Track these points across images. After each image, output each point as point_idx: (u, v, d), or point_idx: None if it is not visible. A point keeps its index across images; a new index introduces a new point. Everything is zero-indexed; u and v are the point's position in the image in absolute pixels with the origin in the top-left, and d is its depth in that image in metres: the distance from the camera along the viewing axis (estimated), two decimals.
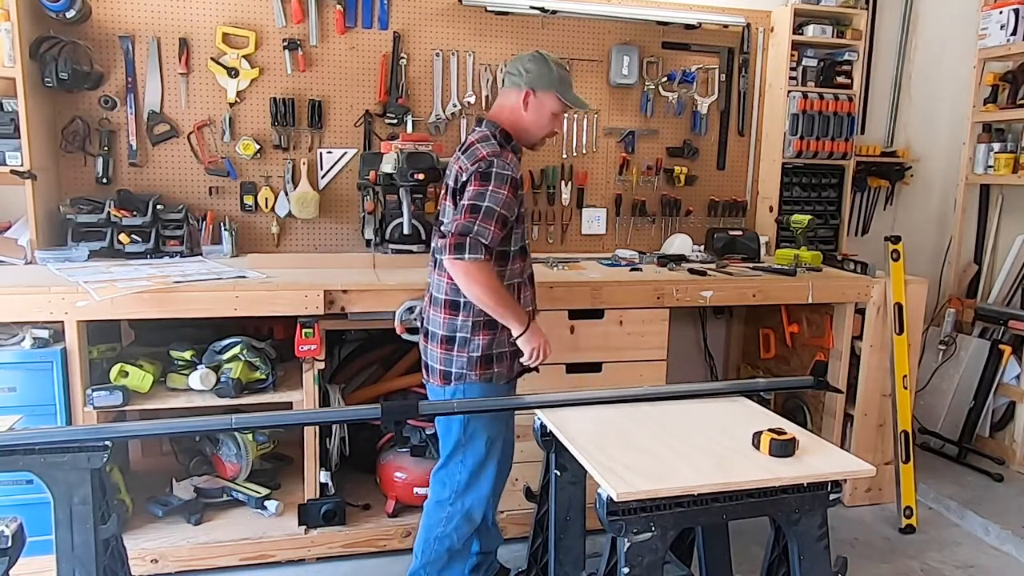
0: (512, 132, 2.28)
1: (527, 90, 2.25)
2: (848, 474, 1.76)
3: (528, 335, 2.24)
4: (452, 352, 2.26)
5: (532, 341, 2.25)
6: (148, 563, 2.64)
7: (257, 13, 3.24)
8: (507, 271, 2.28)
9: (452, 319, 2.26)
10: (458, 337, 2.26)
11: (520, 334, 2.23)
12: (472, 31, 3.48)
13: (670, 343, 3.01)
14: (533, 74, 2.25)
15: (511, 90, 2.28)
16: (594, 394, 2.15)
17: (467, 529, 2.38)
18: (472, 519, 2.37)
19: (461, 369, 2.26)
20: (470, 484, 2.34)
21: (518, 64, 2.27)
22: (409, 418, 2.81)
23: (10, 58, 2.77)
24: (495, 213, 2.12)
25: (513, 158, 2.23)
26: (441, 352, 2.28)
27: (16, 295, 2.43)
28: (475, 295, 2.15)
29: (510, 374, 2.34)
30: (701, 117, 3.82)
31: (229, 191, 3.31)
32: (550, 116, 2.29)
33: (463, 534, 2.38)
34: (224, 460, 2.93)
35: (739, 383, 2.25)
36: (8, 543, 1.51)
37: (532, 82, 2.25)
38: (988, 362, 3.75)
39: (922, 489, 3.43)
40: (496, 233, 2.13)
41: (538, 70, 2.25)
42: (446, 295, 2.26)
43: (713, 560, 2.13)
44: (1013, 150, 3.84)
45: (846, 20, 3.79)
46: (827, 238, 3.96)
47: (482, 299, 2.16)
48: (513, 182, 2.17)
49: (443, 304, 2.27)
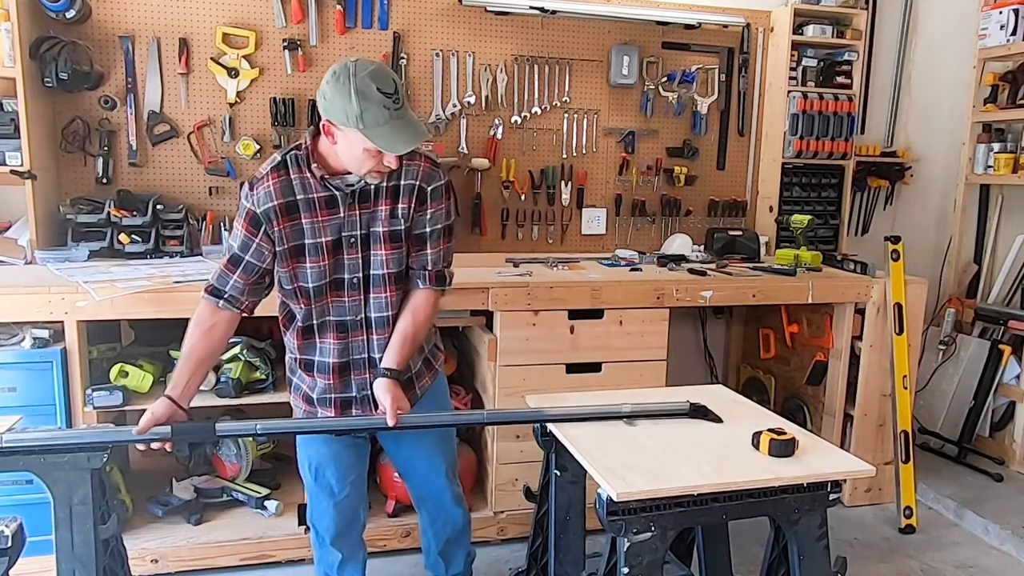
0: (324, 157, 1.89)
1: (325, 121, 1.81)
2: (848, 474, 1.76)
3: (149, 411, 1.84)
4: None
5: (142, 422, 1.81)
6: (148, 563, 2.64)
7: (257, 13, 3.24)
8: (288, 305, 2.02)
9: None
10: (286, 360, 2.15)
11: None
12: (472, 31, 3.48)
13: (670, 343, 3.01)
14: (331, 102, 1.76)
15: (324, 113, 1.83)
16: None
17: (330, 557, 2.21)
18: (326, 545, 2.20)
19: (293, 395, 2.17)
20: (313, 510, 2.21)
21: (323, 85, 1.78)
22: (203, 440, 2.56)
23: (10, 58, 2.77)
24: (228, 249, 1.94)
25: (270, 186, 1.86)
26: None
27: (16, 295, 2.44)
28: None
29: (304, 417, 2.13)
30: (701, 117, 3.81)
31: (229, 191, 3.31)
32: (363, 152, 1.79)
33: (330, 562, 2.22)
34: (224, 460, 2.93)
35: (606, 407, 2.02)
36: (8, 543, 1.51)
37: (329, 112, 1.78)
38: (988, 362, 3.75)
39: (922, 489, 3.43)
40: (222, 271, 1.91)
41: (337, 98, 1.73)
42: None
43: (713, 560, 2.13)
44: (1013, 150, 3.84)
45: (846, 20, 3.79)
46: (827, 238, 3.96)
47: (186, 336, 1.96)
48: (249, 216, 1.86)
49: None
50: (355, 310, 1.99)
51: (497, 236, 3.63)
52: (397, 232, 1.96)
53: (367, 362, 2.03)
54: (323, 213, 1.90)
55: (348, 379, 2.04)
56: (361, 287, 1.98)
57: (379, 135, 1.76)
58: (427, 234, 2.01)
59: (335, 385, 2.04)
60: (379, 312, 2.00)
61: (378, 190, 1.93)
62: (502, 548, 2.93)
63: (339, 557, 2.21)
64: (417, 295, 2.02)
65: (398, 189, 1.95)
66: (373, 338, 2.02)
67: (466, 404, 3.07)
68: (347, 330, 2.00)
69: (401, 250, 1.99)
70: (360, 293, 1.98)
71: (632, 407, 1.96)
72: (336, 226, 1.92)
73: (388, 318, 2.01)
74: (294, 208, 1.88)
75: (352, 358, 2.03)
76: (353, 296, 1.98)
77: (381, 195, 1.94)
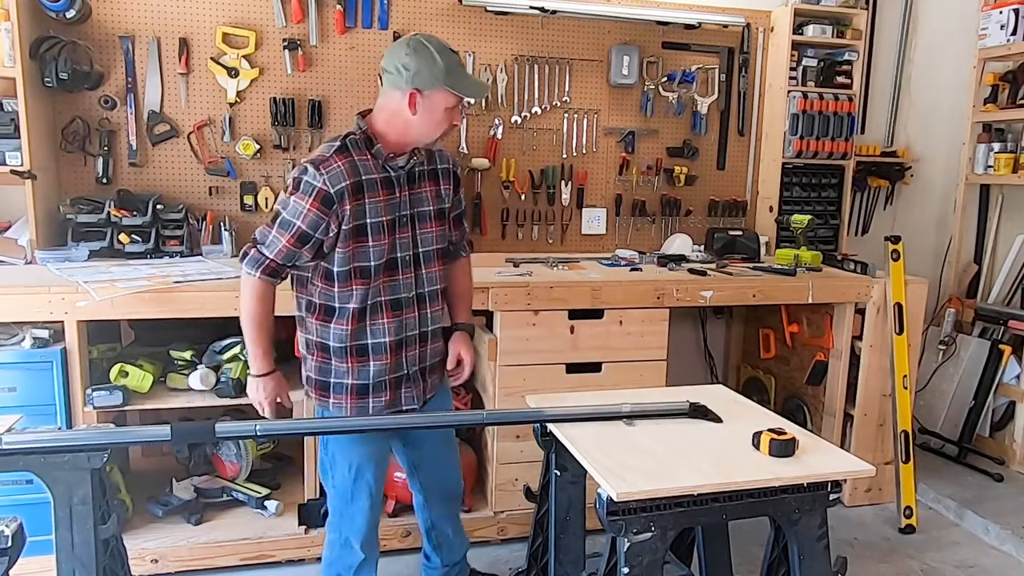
0: (384, 137, 2.00)
1: (411, 91, 1.93)
2: (848, 474, 1.76)
3: (254, 383, 2.04)
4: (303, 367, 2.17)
5: (254, 393, 2.05)
6: (148, 563, 2.64)
7: (257, 13, 3.24)
8: (334, 292, 2.03)
9: (301, 332, 2.14)
10: (303, 353, 2.15)
11: (254, 376, 2.07)
12: (472, 31, 3.48)
13: (670, 343, 3.01)
14: (414, 71, 1.92)
15: (392, 92, 1.97)
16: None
17: (351, 559, 2.21)
18: (351, 548, 2.20)
19: (306, 384, 2.17)
20: (343, 512, 2.19)
21: (395, 60, 1.94)
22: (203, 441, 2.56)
23: (10, 58, 2.77)
24: (290, 225, 1.92)
25: (339, 167, 1.92)
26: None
27: (16, 295, 2.44)
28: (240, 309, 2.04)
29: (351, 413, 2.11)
30: (701, 117, 3.81)
31: (229, 191, 3.31)
32: (444, 112, 1.99)
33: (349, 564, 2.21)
34: (224, 460, 2.93)
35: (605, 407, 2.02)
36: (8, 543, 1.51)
37: (416, 81, 1.93)
38: (988, 362, 3.75)
39: (922, 489, 3.43)
40: (288, 249, 1.94)
41: (421, 65, 1.92)
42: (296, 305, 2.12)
43: (713, 560, 2.13)
44: (1013, 150, 3.84)
45: (846, 20, 3.79)
46: (827, 238, 3.95)
47: (241, 317, 2.03)
48: (321, 195, 1.90)
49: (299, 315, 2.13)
50: (408, 287, 2.10)
51: (497, 236, 3.63)
52: (442, 210, 2.16)
53: (418, 338, 2.15)
54: (383, 193, 2.01)
55: (401, 358, 2.12)
56: (412, 264, 2.10)
57: (464, 86, 2.00)
58: (463, 210, 2.29)
59: (390, 365, 2.10)
60: (431, 286, 2.15)
61: (421, 173, 2.10)
62: (502, 548, 2.93)
63: (361, 558, 2.21)
64: (462, 263, 2.33)
65: (436, 172, 2.14)
66: (427, 312, 2.16)
67: (466, 404, 3.07)
68: (401, 308, 2.09)
69: (444, 227, 2.18)
70: (412, 270, 2.10)
71: (632, 407, 1.96)
72: (394, 206, 2.04)
73: (438, 291, 2.19)
74: (360, 188, 1.97)
75: (406, 335, 2.12)
76: (406, 274, 2.09)
77: (424, 178, 2.11)
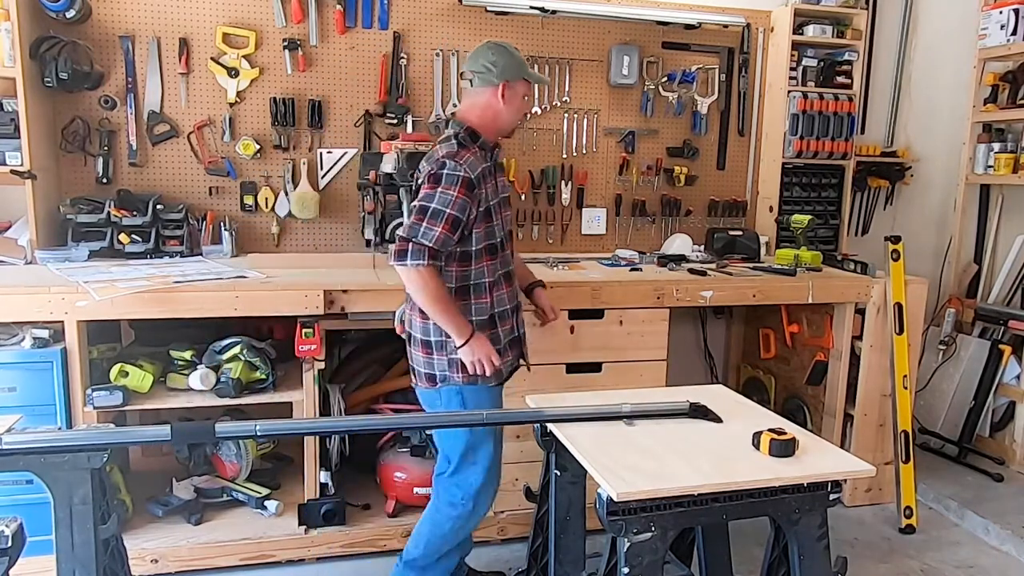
0: (482, 129, 2.28)
1: (502, 83, 2.25)
2: (848, 474, 1.76)
3: (468, 347, 2.20)
4: (432, 355, 2.27)
5: (471, 354, 2.21)
6: (148, 563, 2.64)
7: (257, 13, 3.24)
8: (471, 271, 2.26)
9: (426, 322, 2.25)
10: (434, 340, 2.26)
11: (461, 344, 2.20)
12: (472, 31, 3.48)
13: (670, 343, 3.01)
14: (501, 66, 2.25)
15: (483, 88, 2.26)
16: None
17: (471, 528, 2.43)
18: (478, 519, 2.40)
19: (444, 371, 2.27)
20: (484, 486, 2.34)
21: (482, 60, 2.26)
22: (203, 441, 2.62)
23: (10, 58, 2.77)
24: (443, 214, 2.12)
25: (470, 157, 2.19)
26: (422, 355, 2.29)
27: (16, 295, 2.43)
28: (419, 301, 2.18)
29: (498, 377, 2.32)
30: (701, 117, 3.81)
31: (229, 191, 3.31)
32: (522, 101, 2.33)
33: (466, 531, 2.43)
34: (224, 460, 2.93)
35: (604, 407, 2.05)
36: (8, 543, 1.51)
37: (505, 74, 2.25)
38: (988, 362, 3.75)
39: (922, 489, 3.43)
40: (444, 235, 2.12)
41: (505, 61, 2.26)
42: None
43: (713, 560, 2.13)
44: (1013, 150, 3.84)
45: (846, 20, 3.79)
46: (827, 238, 3.96)
47: (424, 305, 2.17)
48: (465, 182, 2.14)
49: (418, 307, 2.25)
50: (508, 263, 2.40)
51: None
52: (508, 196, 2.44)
53: (518, 305, 2.46)
54: (493, 179, 2.30)
55: (515, 322, 2.42)
56: (508, 242, 2.40)
57: (535, 75, 2.38)
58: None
59: (507, 330, 2.37)
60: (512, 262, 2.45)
61: (499, 164, 2.42)
62: (502, 548, 2.93)
63: None
64: None
65: (500, 164, 2.46)
66: (515, 284, 2.44)
67: None
68: (511, 279, 2.41)
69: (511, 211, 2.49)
70: (510, 247, 2.41)
71: (632, 407, 1.96)
72: (494, 191, 2.30)
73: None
74: (484, 174, 2.23)
75: (516, 302, 2.43)
76: (508, 249, 2.39)
77: (499, 167, 2.41)
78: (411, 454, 2.97)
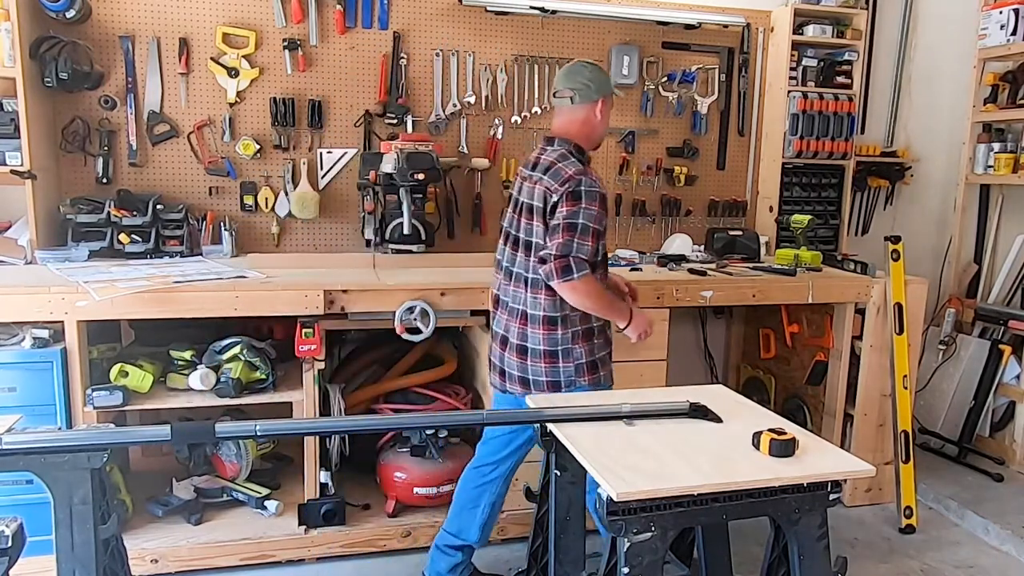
0: (584, 143, 2.39)
1: (600, 99, 2.37)
2: (848, 474, 1.76)
3: (633, 324, 2.41)
4: (557, 363, 2.37)
5: (638, 328, 2.42)
6: (148, 563, 2.64)
7: (257, 13, 3.24)
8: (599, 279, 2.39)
9: (552, 334, 2.36)
10: (560, 350, 2.37)
11: (626, 326, 2.39)
12: (472, 31, 3.48)
13: (670, 343, 3.01)
14: (598, 83, 2.38)
15: (583, 105, 2.37)
16: None
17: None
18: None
19: (570, 377, 2.38)
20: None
21: (579, 79, 2.37)
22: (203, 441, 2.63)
23: (10, 58, 2.77)
24: (590, 229, 2.26)
25: (595, 173, 2.34)
26: (545, 365, 2.37)
27: (16, 295, 2.44)
28: (587, 307, 2.31)
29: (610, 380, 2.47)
30: (701, 117, 3.82)
31: (229, 191, 3.31)
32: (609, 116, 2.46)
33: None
34: (224, 460, 2.93)
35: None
36: (8, 543, 1.51)
37: (602, 89, 2.38)
38: (988, 362, 3.75)
39: (922, 489, 3.43)
40: (593, 246, 2.28)
41: (600, 77, 2.39)
42: (544, 311, 2.35)
43: (713, 560, 2.13)
44: (1013, 150, 3.84)
45: (846, 20, 3.79)
46: (827, 238, 3.96)
47: (593, 309, 2.33)
48: (601, 197, 2.29)
49: (541, 320, 2.35)
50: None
51: (497, 236, 3.61)
52: None
53: None
54: None
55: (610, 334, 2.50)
56: None
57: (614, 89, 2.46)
58: None
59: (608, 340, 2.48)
60: None
61: None
62: (502, 548, 2.93)
63: None
64: None
65: None
66: None
67: (466, 404, 3.07)
68: None
69: None
70: None
71: (632, 407, 1.96)
72: None
73: None
74: None
75: None
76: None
77: None
78: (411, 454, 2.97)
